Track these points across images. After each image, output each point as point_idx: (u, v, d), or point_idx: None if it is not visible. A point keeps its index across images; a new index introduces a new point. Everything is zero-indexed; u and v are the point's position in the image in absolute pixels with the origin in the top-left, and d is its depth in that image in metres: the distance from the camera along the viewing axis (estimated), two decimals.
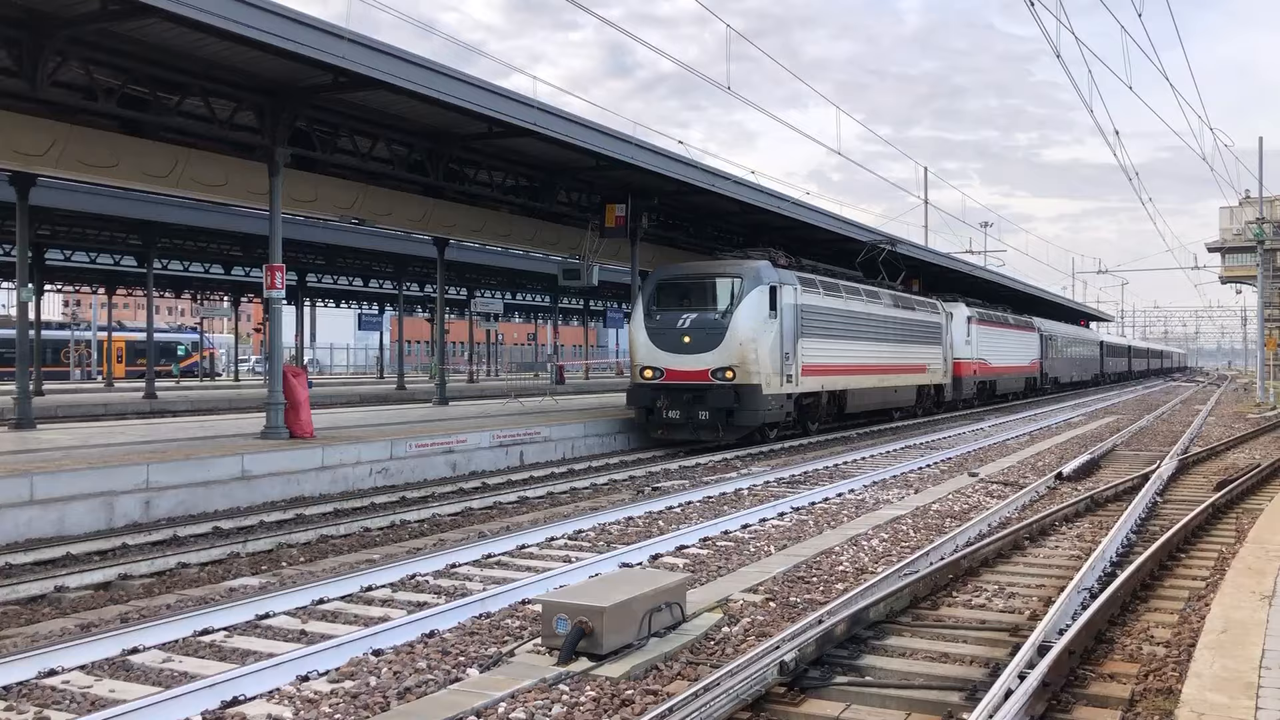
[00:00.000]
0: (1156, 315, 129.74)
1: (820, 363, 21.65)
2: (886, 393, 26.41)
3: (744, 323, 19.17)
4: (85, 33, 11.93)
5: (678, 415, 19.39)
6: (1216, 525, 10.91)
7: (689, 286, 20.08)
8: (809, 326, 21.11)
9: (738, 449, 19.61)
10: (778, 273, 20.22)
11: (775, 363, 19.60)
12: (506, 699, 5.43)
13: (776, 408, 19.80)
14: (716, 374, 19.08)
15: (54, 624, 7.33)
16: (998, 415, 31.96)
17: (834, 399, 23.18)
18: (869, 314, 24.84)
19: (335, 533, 10.83)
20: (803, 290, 21.02)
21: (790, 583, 8.36)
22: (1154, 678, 5.75)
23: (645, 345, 19.93)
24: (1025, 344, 42.92)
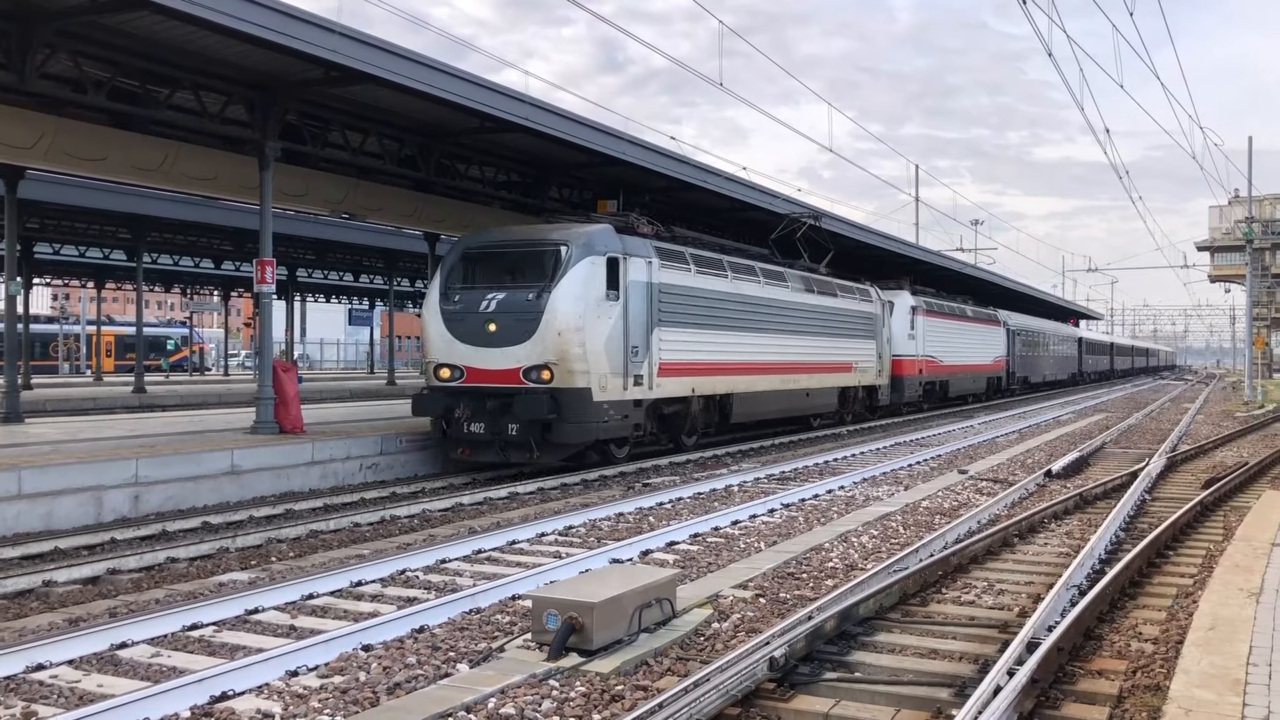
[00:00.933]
0: (1146, 314, 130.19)
1: (689, 359, 17.24)
2: (793, 397, 21.84)
3: (566, 304, 14.50)
4: (74, 25, 11.86)
5: (482, 429, 14.57)
6: (1205, 523, 10.96)
7: (501, 257, 15.43)
8: (672, 311, 16.76)
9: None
10: (623, 240, 15.65)
11: (616, 358, 15.15)
12: (496, 694, 5.43)
13: (617, 419, 15.32)
14: (530, 374, 14.52)
15: (42, 619, 7.30)
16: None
17: (713, 406, 18.68)
18: (766, 299, 20.20)
19: (325, 528, 10.81)
20: (662, 265, 16.47)
21: (780, 579, 8.37)
22: (1142, 674, 5.78)
23: (441, 336, 15.24)
24: (987, 339, 38.61)
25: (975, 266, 44.18)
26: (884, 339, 27.38)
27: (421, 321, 15.98)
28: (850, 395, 25.64)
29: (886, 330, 27.62)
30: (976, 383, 37.40)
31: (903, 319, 29.09)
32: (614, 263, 15.34)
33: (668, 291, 16.64)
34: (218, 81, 13.91)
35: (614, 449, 16.19)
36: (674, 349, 16.74)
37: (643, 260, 16.02)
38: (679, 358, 16.90)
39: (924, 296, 31.48)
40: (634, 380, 15.65)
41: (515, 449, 14.61)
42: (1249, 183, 40.85)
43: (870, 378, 26.42)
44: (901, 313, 29.12)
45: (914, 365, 29.68)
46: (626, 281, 15.52)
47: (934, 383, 31.90)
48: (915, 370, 29.81)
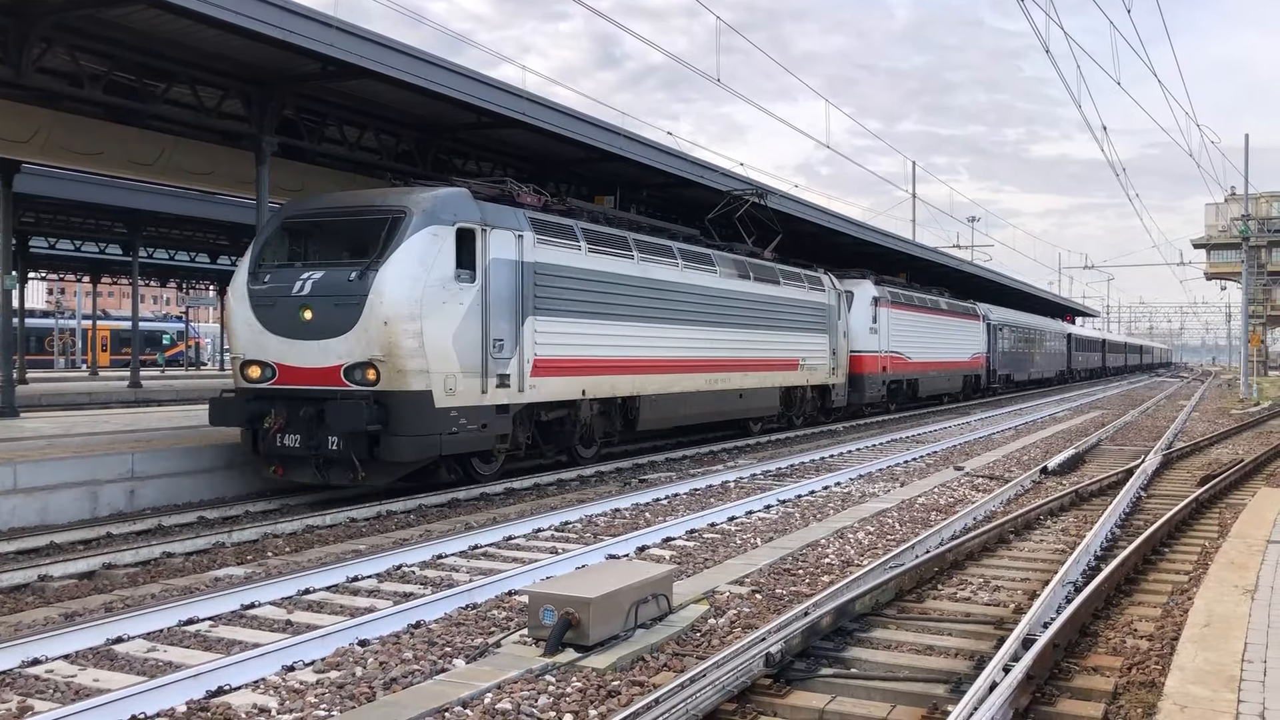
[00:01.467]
0: (1142, 311, 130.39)
1: (578, 355, 14.47)
2: (722, 399, 18.87)
3: (397, 286, 11.57)
4: (72, 19, 11.84)
5: (297, 442, 11.74)
6: (1200, 520, 10.98)
7: (325, 227, 12.62)
8: (555, 298, 13.89)
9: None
10: (482, 208, 12.80)
11: (470, 354, 12.32)
12: (493, 690, 5.43)
13: (472, 429, 12.46)
14: (352, 373, 11.65)
15: (38, 613, 7.29)
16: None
17: (614, 410, 15.99)
18: (687, 285, 17.45)
19: (321, 523, 10.80)
20: (541, 240, 13.64)
21: (776, 575, 8.38)
22: (1137, 671, 5.79)
23: (247, 325, 12.23)
24: (964, 335, 35.81)
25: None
26: (840, 333, 24.56)
27: (225, 308, 13.07)
28: (797, 396, 22.76)
29: (843, 323, 24.93)
30: (951, 381, 34.49)
31: (863, 311, 26.44)
32: (467, 235, 12.37)
33: (549, 273, 13.77)
34: (214, 76, 13.88)
35: (477, 464, 13.53)
36: (556, 343, 13.94)
37: (510, 234, 13.05)
38: (564, 353, 14.12)
39: (889, 287, 28.76)
40: (498, 381, 12.81)
41: (336, 467, 11.77)
42: (1245, 180, 40.92)
43: (821, 376, 23.50)
44: (862, 304, 26.48)
45: (876, 362, 26.99)
46: (487, 260, 12.58)
47: (900, 381, 29.12)
48: (878, 368, 27.11)
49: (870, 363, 26.60)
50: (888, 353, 27.69)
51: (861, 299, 26.57)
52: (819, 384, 23.64)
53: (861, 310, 26.40)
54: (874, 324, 26.76)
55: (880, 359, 27.23)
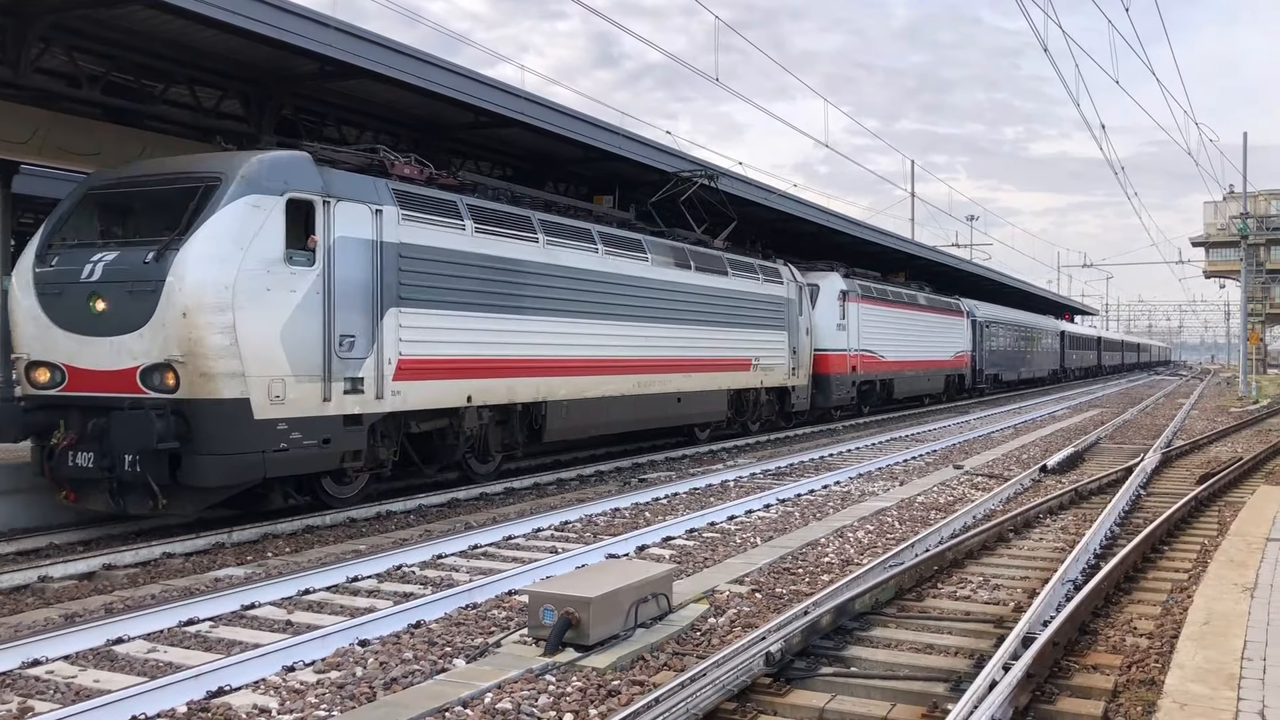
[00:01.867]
0: (1141, 309, 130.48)
1: (460, 354, 12.37)
2: (655, 403, 16.70)
3: (201, 270, 9.59)
4: (70, 19, 11.83)
5: (90, 461, 9.75)
6: (1199, 518, 10.99)
7: (130, 199, 10.69)
8: (429, 286, 11.86)
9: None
10: (325, 176, 10.82)
11: (306, 352, 10.28)
12: (493, 689, 5.44)
13: (310, 445, 10.38)
14: (149, 377, 9.64)
15: (38, 614, 7.29)
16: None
17: (514, 419, 13.83)
18: (610, 275, 15.50)
19: (321, 523, 10.80)
20: (410, 218, 11.66)
21: (776, 574, 8.39)
22: (1137, 669, 5.80)
23: (31, 318, 10.24)
24: (946, 332, 33.78)
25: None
26: (802, 330, 22.48)
27: (9, 297, 10.75)
28: (749, 399, 20.55)
29: (806, 320, 22.82)
30: (932, 382, 32.50)
31: (830, 306, 24.52)
32: (303, 208, 10.35)
33: (421, 256, 11.77)
34: (213, 76, 13.86)
35: (330, 486, 11.41)
36: (431, 340, 11.90)
37: (365, 208, 11.08)
38: (441, 352, 12.07)
39: (860, 280, 26.80)
40: (347, 386, 10.75)
41: (133, 493, 9.72)
42: (1244, 178, 40.97)
43: (779, 377, 21.29)
44: (828, 299, 24.58)
45: (845, 362, 24.99)
46: (332, 238, 10.58)
47: (872, 382, 27.12)
48: (846, 368, 25.06)
49: (838, 362, 24.61)
50: (858, 351, 25.69)
51: (827, 293, 24.71)
52: (776, 386, 21.42)
53: (827, 305, 24.51)
54: (842, 320, 24.80)
55: (849, 358, 25.21)
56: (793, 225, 25.58)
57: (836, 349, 24.62)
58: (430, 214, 12.12)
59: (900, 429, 23.68)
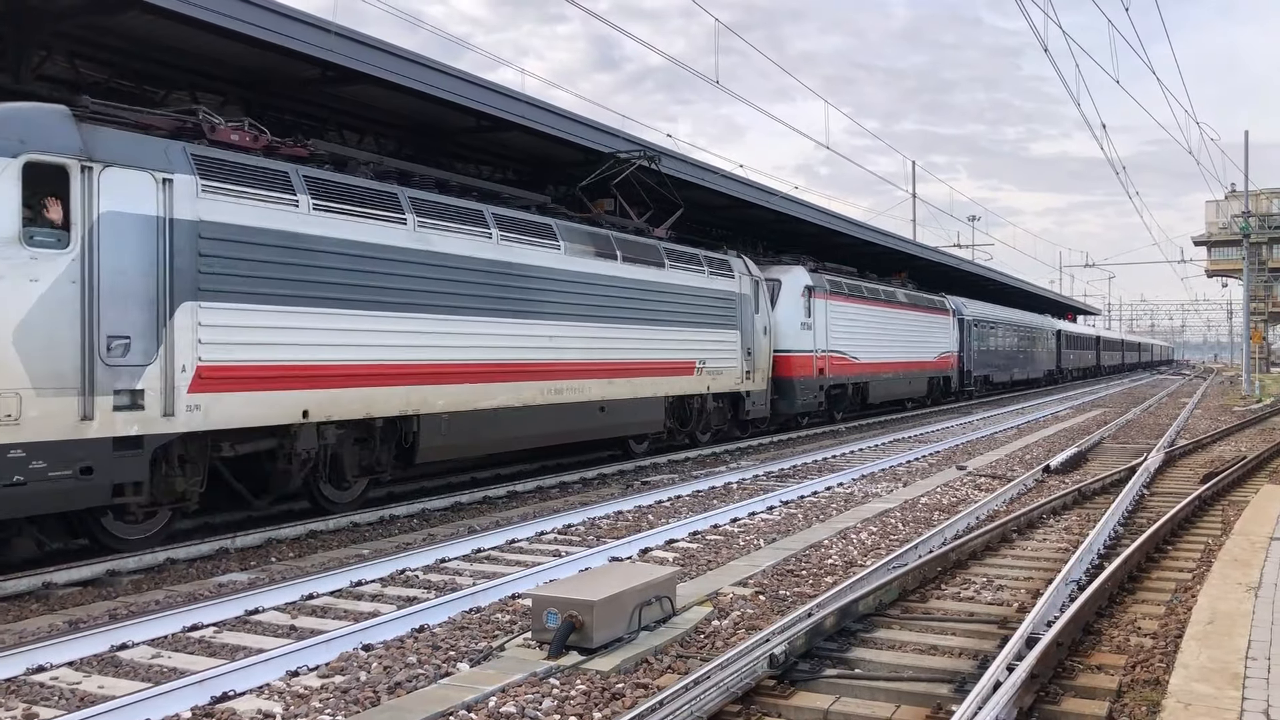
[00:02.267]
0: (1144, 309, 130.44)
1: (299, 359, 10.42)
2: (573, 414, 14.64)
3: None
4: (71, 26, 11.86)
5: None
6: (1203, 517, 10.98)
7: None
8: (245, 275, 9.88)
9: (725, 444, 19.14)
10: (86, 135, 8.79)
11: (50, 357, 8.34)
12: (497, 693, 5.44)
13: (62, 477, 8.39)
14: None
15: (42, 620, 7.30)
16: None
17: (375, 438, 11.66)
18: (506, 264, 13.30)
19: (324, 528, 10.81)
20: (211, 190, 9.60)
21: (779, 576, 8.38)
22: (1141, 669, 5.79)
23: None
24: (930, 331, 31.73)
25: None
26: (758, 329, 20.20)
27: None
28: (693, 407, 18.23)
29: (765, 317, 20.58)
30: (913, 384, 30.50)
31: (793, 303, 22.21)
32: (48, 174, 8.41)
33: (231, 238, 9.73)
34: (214, 81, 13.89)
35: (115, 526, 9.32)
36: (246, 341, 9.85)
37: (148, 176, 9.07)
38: (262, 357, 10.00)
39: (830, 275, 24.76)
40: (120, 399, 8.75)
41: None
42: (1245, 177, 40.94)
43: (729, 381, 18.97)
44: (791, 295, 22.28)
45: (811, 364, 22.71)
46: (95, 213, 8.63)
47: (844, 386, 24.99)
48: (813, 370, 22.81)
49: (802, 364, 22.31)
50: (826, 352, 23.53)
51: (790, 289, 22.34)
52: (726, 391, 19.15)
53: (791, 302, 22.19)
54: (807, 318, 22.50)
55: (816, 360, 22.97)
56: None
57: (801, 350, 22.33)
58: (246, 186, 9.98)
59: (903, 430, 23.66)
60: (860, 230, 29.04)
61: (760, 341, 20.33)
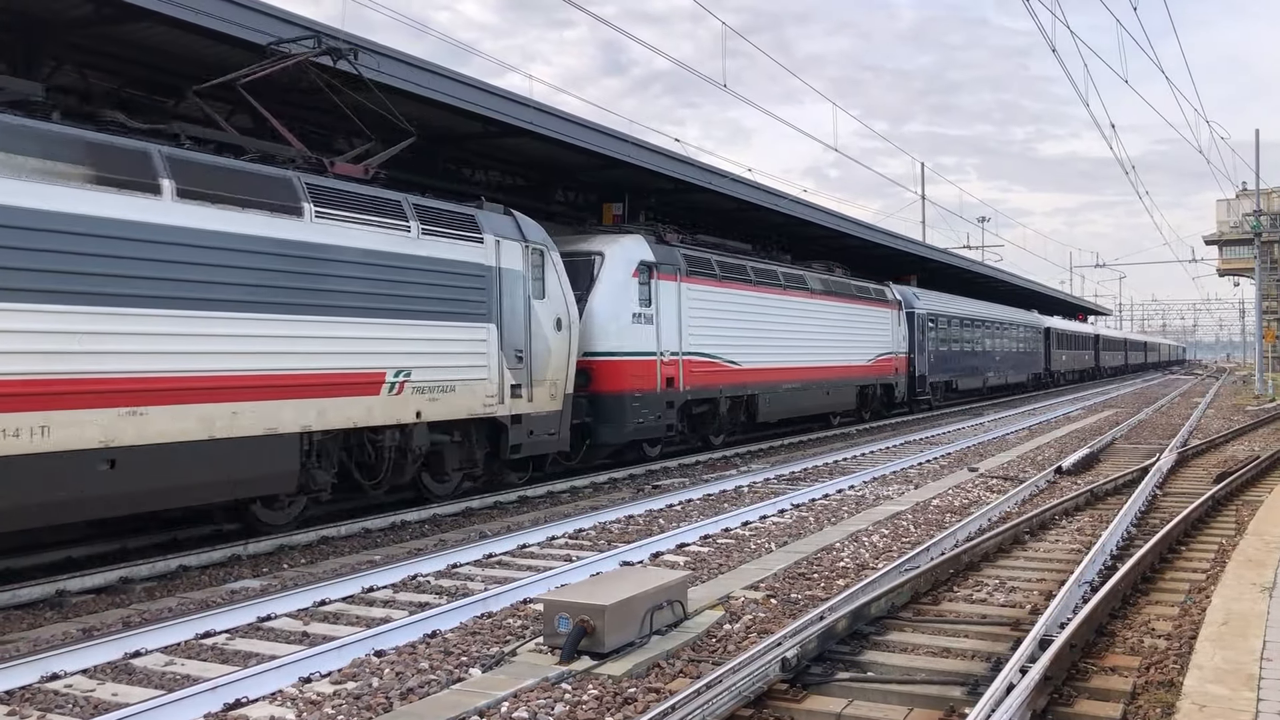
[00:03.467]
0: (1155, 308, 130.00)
1: None
2: (136, 474, 8.61)
3: None
4: (81, 37, 11.93)
5: None
6: (1216, 517, 10.93)
7: None
8: None
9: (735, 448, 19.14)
10: None
11: None
12: (509, 698, 5.44)
13: None
14: None
15: (56, 628, 7.33)
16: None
17: None
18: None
19: (336, 534, 10.83)
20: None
21: (791, 579, 8.37)
22: (1155, 670, 5.77)
23: None
24: (864, 327, 25.34)
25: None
26: (542, 322, 13.69)
27: None
28: (387, 448, 11.59)
29: (554, 304, 13.94)
30: (836, 395, 23.80)
31: (622, 286, 15.83)
32: None
33: None
34: (224, 90, 13.95)
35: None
36: None
37: None
38: None
39: (690, 248, 18.15)
40: None
41: None
42: (1256, 175, 40.77)
43: (470, 402, 12.45)
44: (618, 274, 15.86)
45: (654, 371, 16.22)
46: None
47: (712, 400, 18.25)
48: (657, 380, 16.28)
49: (638, 372, 15.83)
50: (683, 355, 17.07)
51: (617, 266, 15.90)
52: (471, 417, 12.51)
53: (617, 284, 15.77)
54: (646, 307, 16.19)
55: (663, 365, 16.43)
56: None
57: (635, 352, 15.86)
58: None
59: (915, 432, 23.59)
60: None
61: (548, 340, 13.72)
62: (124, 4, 10.29)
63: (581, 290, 15.29)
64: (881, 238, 30.06)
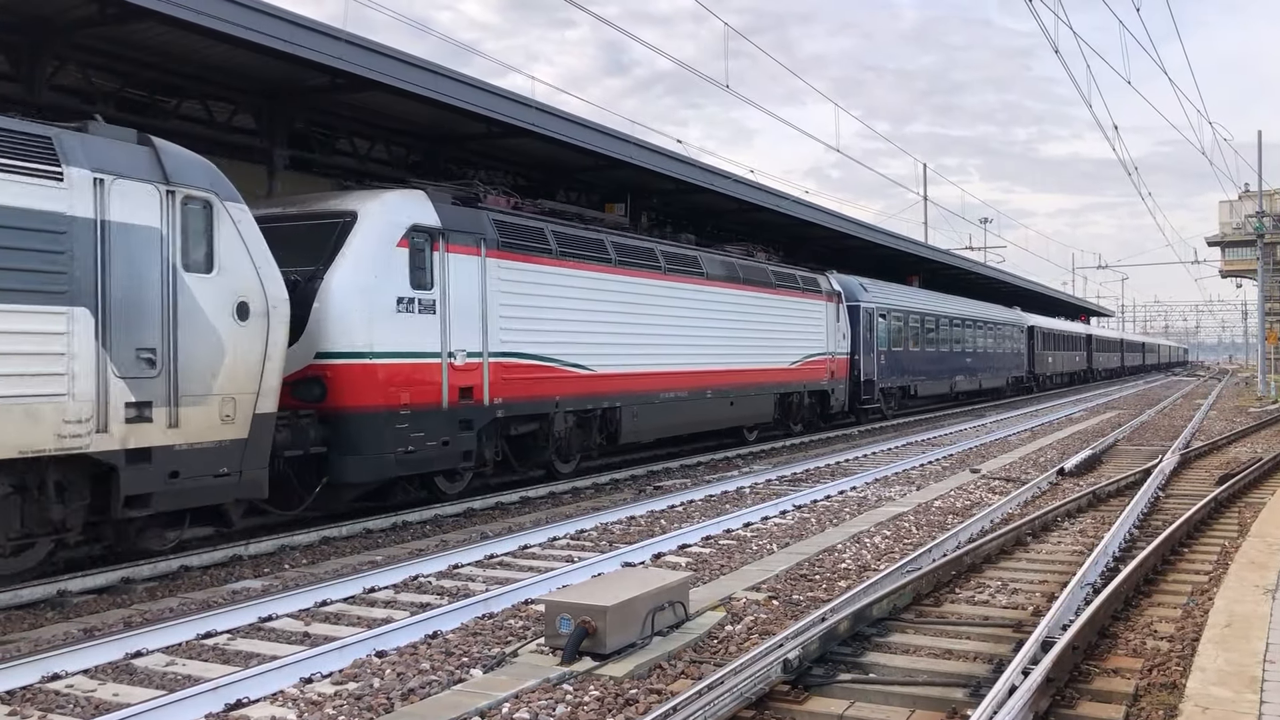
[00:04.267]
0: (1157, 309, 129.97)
1: None
2: None
3: None
4: (83, 37, 11.93)
5: None
6: (1219, 519, 10.91)
7: None
8: None
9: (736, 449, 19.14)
10: None
11: None
12: (510, 699, 5.44)
13: None
14: None
15: (57, 628, 7.33)
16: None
17: None
18: None
19: (337, 534, 10.83)
20: None
21: (793, 580, 8.36)
22: (1158, 672, 5.76)
23: None
24: (783, 321, 20.79)
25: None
26: (220, 307, 9.34)
27: None
28: None
29: (245, 283, 9.56)
30: (743, 406, 19.25)
31: (379, 260, 11.58)
32: None
33: None
34: (225, 90, 13.95)
35: None
36: None
37: None
38: None
39: (504, 212, 13.85)
40: None
41: None
42: (1259, 177, 40.73)
43: (44, 432, 7.74)
44: (372, 243, 11.58)
45: (438, 378, 12.13)
46: None
47: (543, 417, 14.06)
48: (445, 393, 12.20)
49: (407, 381, 11.70)
50: (493, 358, 12.93)
51: (373, 231, 11.60)
52: (28, 456, 7.75)
53: (370, 256, 11.48)
54: (425, 290, 12.00)
55: (455, 372, 12.32)
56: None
57: (403, 353, 11.67)
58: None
59: (917, 434, 23.55)
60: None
61: (219, 335, 9.28)
62: (127, 4, 10.29)
63: (319, 265, 11.20)
64: (882, 238, 30.04)
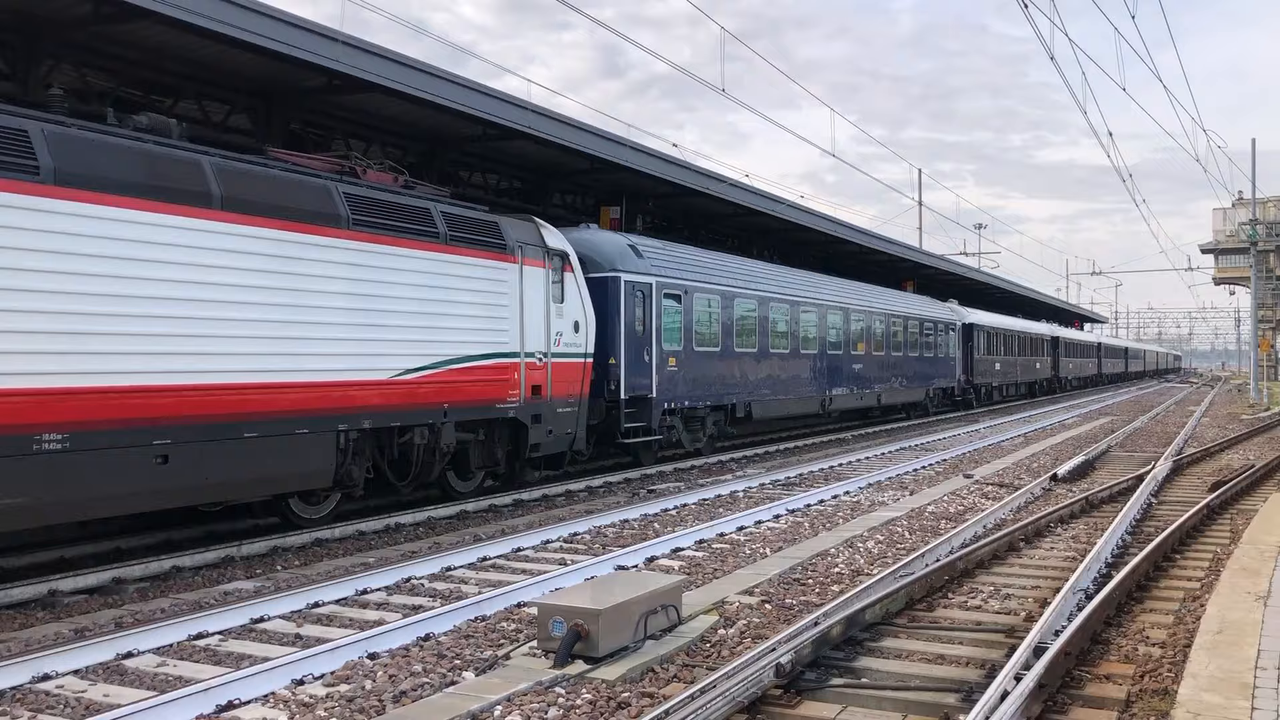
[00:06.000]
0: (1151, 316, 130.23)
1: None
2: None
3: None
4: (78, 36, 11.91)
5: None
6: (1211, 526, 10.93)
7: None
8: None
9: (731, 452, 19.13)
10: None
11: None
12: (503, 702, 5.43)
13: None
14: None
15: (48, 628, 7.29)
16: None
17: None
18: None
19: (330, 536, 10.80)
20: None
21: (786, 585, 8.36)
22: (1150, 679, 5.76)
23: None
24: (387, 295, 10.99)
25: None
26: None
27: None
28: None
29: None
30: (238, 459, 9.35)
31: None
32: None
33: None
34: (221, 90, 13.93)
35: None
36: None
37: None
38: None
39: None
40: None
41: None
42: (1253, 185, 40.90)
43: None
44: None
45: None
46: None
47: None
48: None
49: None
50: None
51: None
52: None
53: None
54: None
55: None
56: None
57: None
58: None
59: (911, 438, 23.54)
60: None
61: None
62: (123, 3, 10.27)
63: None
64: (877, 243, 30.09)
